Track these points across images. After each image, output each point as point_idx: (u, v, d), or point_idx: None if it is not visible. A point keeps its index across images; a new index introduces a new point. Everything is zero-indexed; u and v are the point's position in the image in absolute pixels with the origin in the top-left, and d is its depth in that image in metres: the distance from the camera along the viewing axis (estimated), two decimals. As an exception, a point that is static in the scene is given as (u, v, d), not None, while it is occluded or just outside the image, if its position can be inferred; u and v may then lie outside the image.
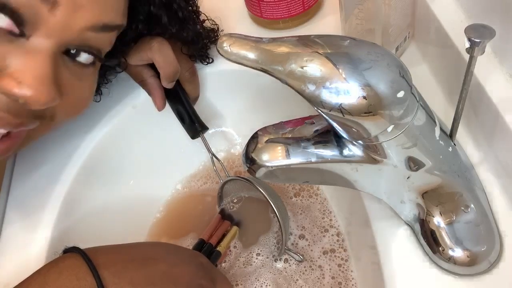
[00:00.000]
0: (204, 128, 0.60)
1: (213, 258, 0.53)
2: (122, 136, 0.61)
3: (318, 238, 0.57)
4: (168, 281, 0.41)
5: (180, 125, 0.60)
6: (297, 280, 0.55)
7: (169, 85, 0.57)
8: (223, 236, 0.57)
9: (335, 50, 0.32)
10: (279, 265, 0.56)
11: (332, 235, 0.57)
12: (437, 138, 0.37)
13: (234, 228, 0.58)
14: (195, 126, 0.59)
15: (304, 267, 0.56)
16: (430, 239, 0.41)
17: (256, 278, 0.56)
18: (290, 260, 0.56)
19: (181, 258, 0.45)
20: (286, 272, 0.56)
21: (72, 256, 0.40)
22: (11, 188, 0.56)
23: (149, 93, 0.59)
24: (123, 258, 0.42)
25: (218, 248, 0.55)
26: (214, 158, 0.60)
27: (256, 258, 0.57)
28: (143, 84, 0.59)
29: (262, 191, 0.53)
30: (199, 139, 0.60)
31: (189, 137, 0.61)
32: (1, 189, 0.56)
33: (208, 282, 0.44)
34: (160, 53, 0.54)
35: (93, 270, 0.38)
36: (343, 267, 0.54)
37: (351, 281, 0.53)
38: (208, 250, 0.54)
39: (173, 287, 0.41)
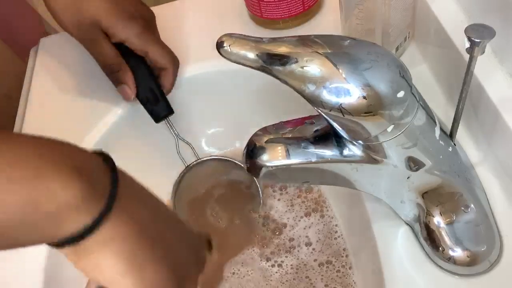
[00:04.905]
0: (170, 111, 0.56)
1: None
2: (121, 136, 0.61)
3: (318, 239, 0.57)
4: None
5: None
6: (295, 280, 0.55)
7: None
8: None
9: (335, 50, 0.32)
10: (274, 269, 0.56)
11: (333, 234, 0.57)
12: (437, 138, 0.37)
13: None
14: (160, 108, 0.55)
15: (305, 266, 0.56)
16: (430, 239, 0.41)
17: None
18: (287, 263, 0.56)
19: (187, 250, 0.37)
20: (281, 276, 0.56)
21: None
22: (11, 188, 0.56)
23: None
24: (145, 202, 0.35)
25: None
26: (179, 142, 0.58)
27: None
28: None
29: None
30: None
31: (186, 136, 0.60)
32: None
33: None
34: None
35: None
36: (345, 267, 0.54)
37: (351, 282, 0.53)
38: None
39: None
